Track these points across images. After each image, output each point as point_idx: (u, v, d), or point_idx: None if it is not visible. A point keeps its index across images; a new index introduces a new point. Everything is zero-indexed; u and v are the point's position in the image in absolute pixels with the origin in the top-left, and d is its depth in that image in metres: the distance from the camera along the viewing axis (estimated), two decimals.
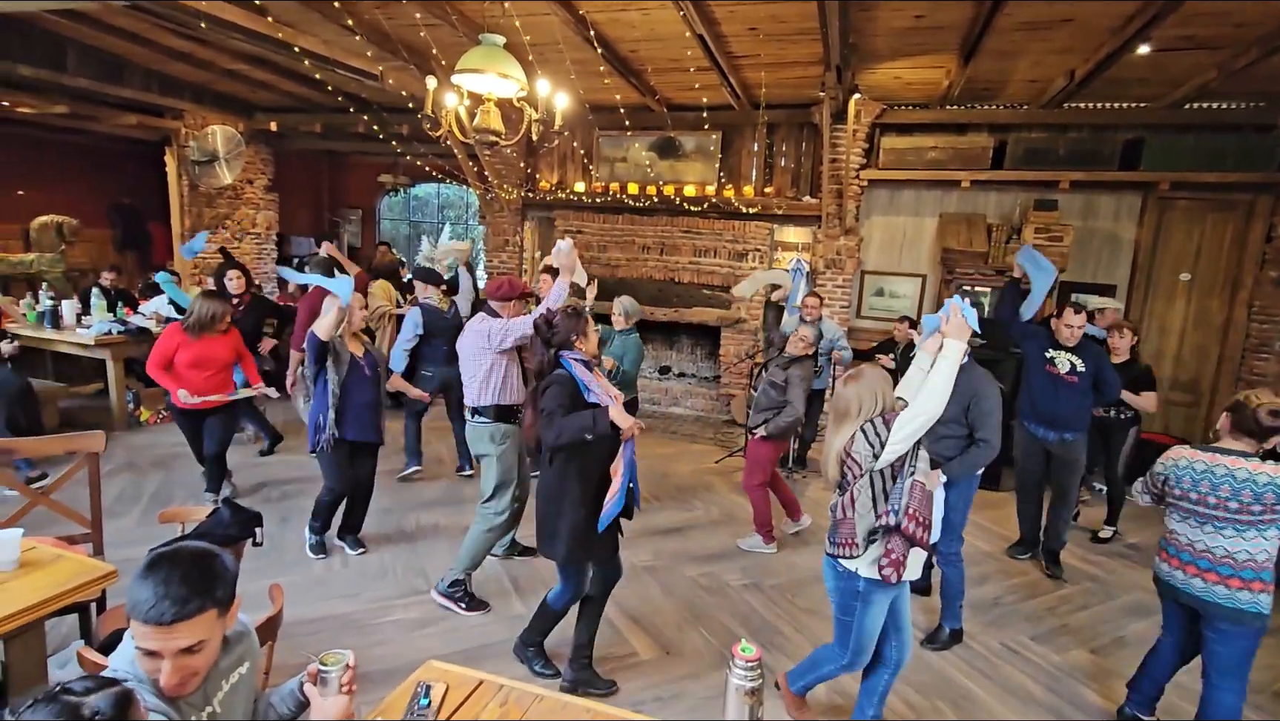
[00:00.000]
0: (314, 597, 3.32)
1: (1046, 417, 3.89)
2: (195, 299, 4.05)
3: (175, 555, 1.26)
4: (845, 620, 2.36)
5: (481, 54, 3.49)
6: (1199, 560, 2.39)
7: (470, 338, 3.36)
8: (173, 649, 1.20)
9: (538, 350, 2.61)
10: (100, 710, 0.97)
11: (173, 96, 7.04)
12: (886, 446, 2.16)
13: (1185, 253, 5.85)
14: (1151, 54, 4.45)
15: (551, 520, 2.61)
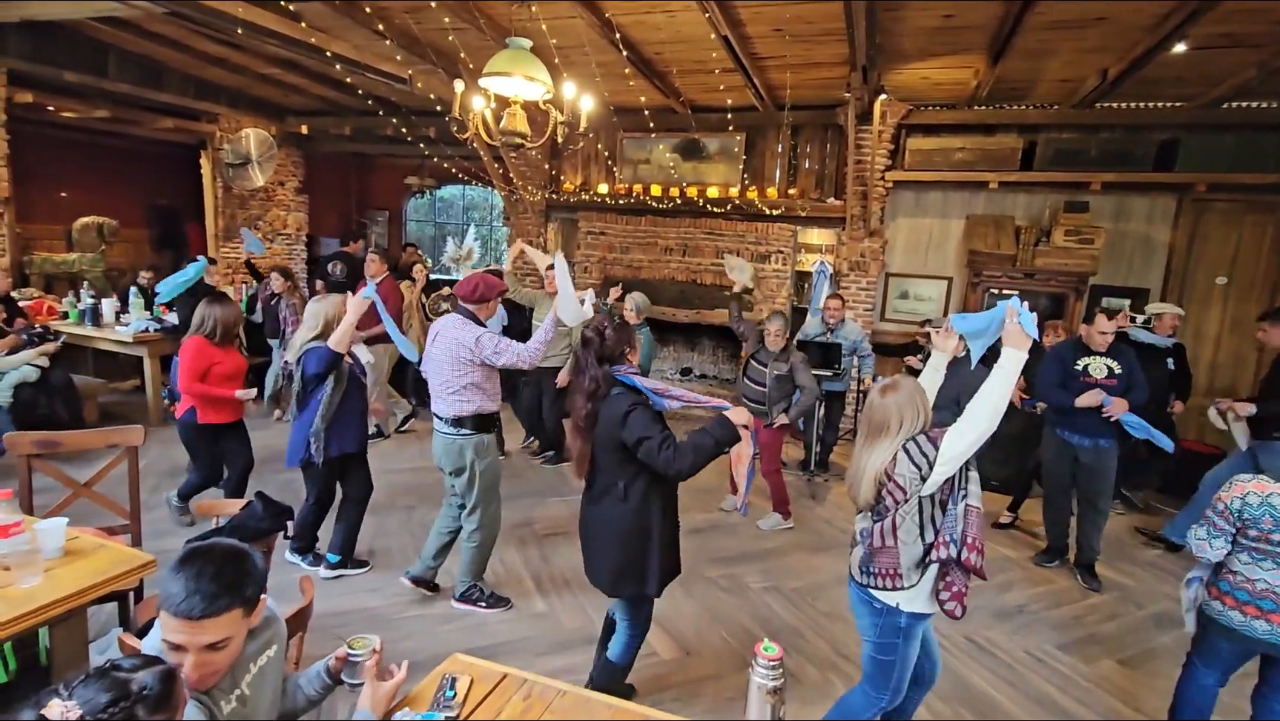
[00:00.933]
0: (338, 591, 3.39)
1: (1080, 424, 3.80)
2: (204, 307, 3.71)
3: (209, 551, 1.30)
4: (884, 660, 2.10)
5: (508, 57, 3.53)
6: (1261, 600, 2.16)
7: (447, 345, 3.01)
8: (198, 644, 1.23)
9: (590, 368, 2.32)
10: (148, 685, 1.02)
11: (209, 101, 7.23)
12: (935, 467, 1.93)
13: (1222, 256, 5.70)
14: (1188, 52, 4.35)
15: (637, 559, 2.31)
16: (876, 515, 2.07)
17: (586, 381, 2.32)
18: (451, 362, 3.02)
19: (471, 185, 9.29)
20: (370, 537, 4.00)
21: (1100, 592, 3.85)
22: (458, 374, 3.02)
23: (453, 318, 3.10)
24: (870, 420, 2.07)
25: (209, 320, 3.68)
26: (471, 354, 2.98)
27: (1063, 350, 3.91)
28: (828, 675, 2.96)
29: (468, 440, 3.09)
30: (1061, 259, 5.74)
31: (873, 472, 2.01)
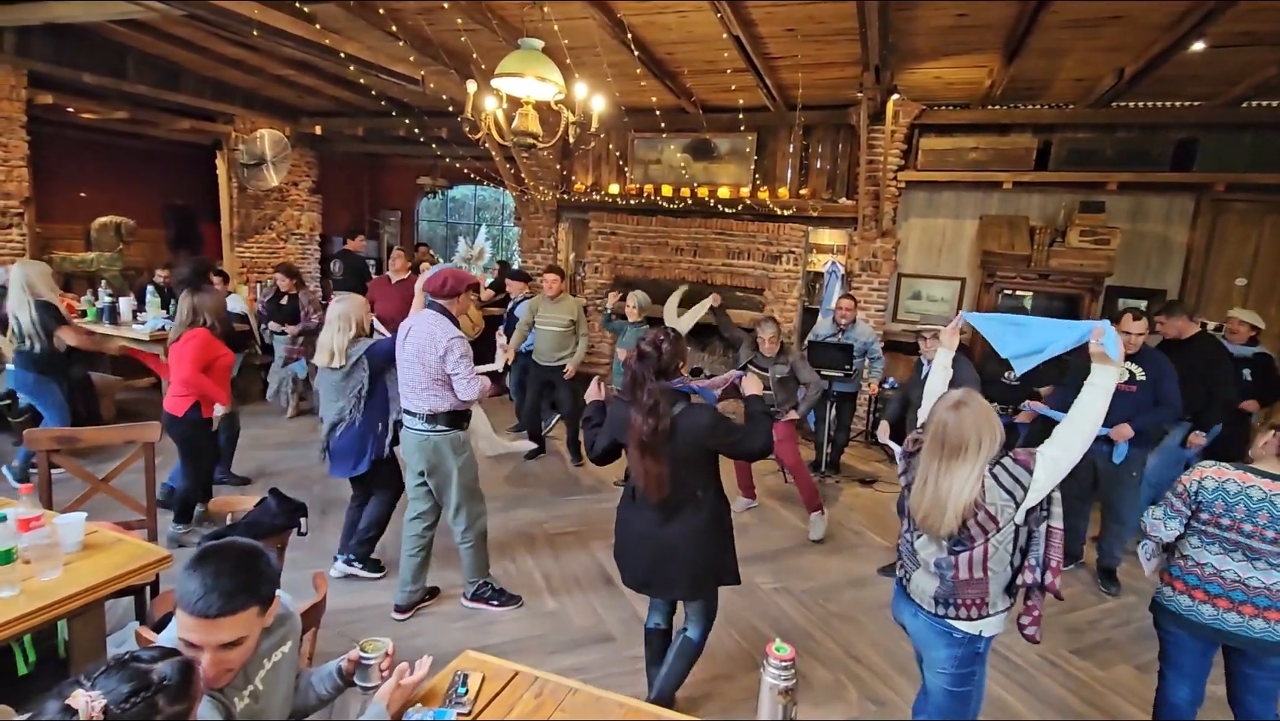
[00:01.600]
0: (352, 588, 3.41)
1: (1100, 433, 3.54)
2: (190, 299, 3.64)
3: (224, 550, 1.32)
4: (962, 690, 1.99)
5: (520, 58, 3.54)
6: (1232, 592, 2.13)
7: (419, 341, 2.94)
8: (214, 642, 1.25)
9: (648, 382, 2.24)
10: (168, 676, 1.04)
11: (224, 102, 7.31)
12: (1030, 492, 1.80)
13: (1241, 257, 5.62)
14: (1206, 51, 4.29)
15: (720, 555, 2.36)
16: (958, 545, 1.88)
17: (645, 397, 2.22)
18: (421, 358, 2.94)
19: (483, 185, 9.33)
20: (383, 537, 4.02)
21: (1117, 597, 3.82)
22: (429, 370, 2.94)
23: (426, 314, 3.02)
24: (944, 440, 1.86)
25: (202, 311, 3.63)
26: (437, 357, 2.91)
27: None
28: (839, 676, 2.94)
29: (442, 436, 3.01)
30: (1077, 260, 5.68)
31: (960, 503, 1.82)
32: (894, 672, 2.99)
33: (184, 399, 3.62)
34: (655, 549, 2.33)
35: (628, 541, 2.41)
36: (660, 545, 2.31)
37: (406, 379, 3.01)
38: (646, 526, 2.33)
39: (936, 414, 1.91)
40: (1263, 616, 2.09)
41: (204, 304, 3.64)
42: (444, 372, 2.94)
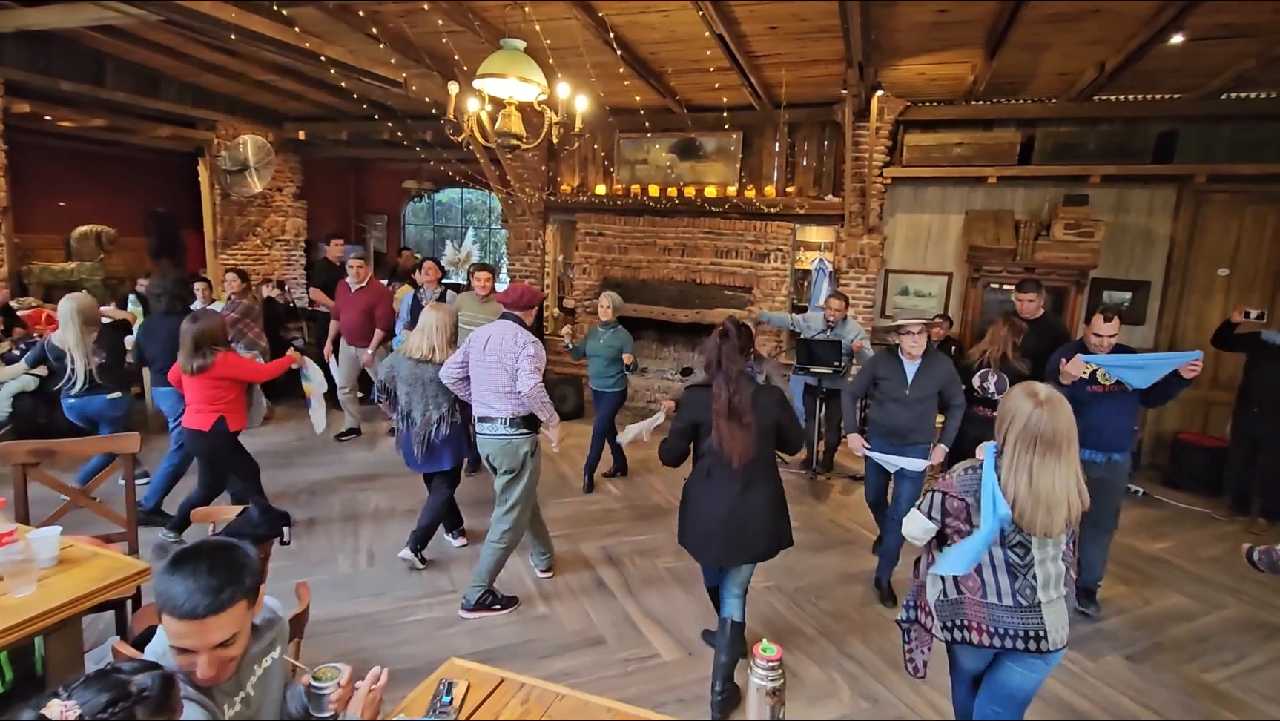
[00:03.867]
0: (340, 597, 3.37)
1: (1092, 439, 3.18)
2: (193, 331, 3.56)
3: (198, 550, 1.29)
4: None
5: (503, 58, 3.52)
6: None
7: (503, 346, 3.14)
8: (208, 643, 1.23)
9: (733, 360, 2.51)
10: (147, 687, 1.03)
11: (206, 108, 7.23)
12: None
13: (1223, 247, 5.67)
14: (1185, 43, 4.33)
15: (786, 517, 2.68)
16: (1060, 548, 1.92)
17: (731, 369, 2.51)
18: (505, 361, 3.15)
19: (470, 188, 9.29)
20: (371, 542, 3.99)
21: (1094, 620, 3.44)
22: (510, 374, 3.14)
23: (504, 324, 3.23)
24: (1040, 436, 1.80)
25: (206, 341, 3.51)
26: (514, 359, 3.13)
27: (1066, 354, 3.39)
28: (831, 674, 2.93)
29: (524, 439, 3.21)
30: (1062, 253, 5.71)
31: (1071, 489, 1.82)
32: (887, 670, 2.98)
33: (209, 414, 3.57)
34: (737, 518, 2.55)
35: (706, 516, 2.59)
36: (742, 513, 2.55)
37: (488, 384, 3.19)
38: (727, 498, 2.56)
39: (1021, 406, 1.84)
40: None
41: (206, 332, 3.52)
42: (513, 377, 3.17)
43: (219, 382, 3.54)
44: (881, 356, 3.61)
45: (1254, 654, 3.23)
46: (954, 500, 1.93)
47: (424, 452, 3.57)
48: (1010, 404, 1.88)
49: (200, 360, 3.47)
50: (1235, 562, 4.20)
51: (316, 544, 3.93)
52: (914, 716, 2.69)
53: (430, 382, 3.52)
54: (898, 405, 3.49)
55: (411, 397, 3.57)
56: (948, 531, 1.98)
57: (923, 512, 2.01)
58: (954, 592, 1.98)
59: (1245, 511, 4.88)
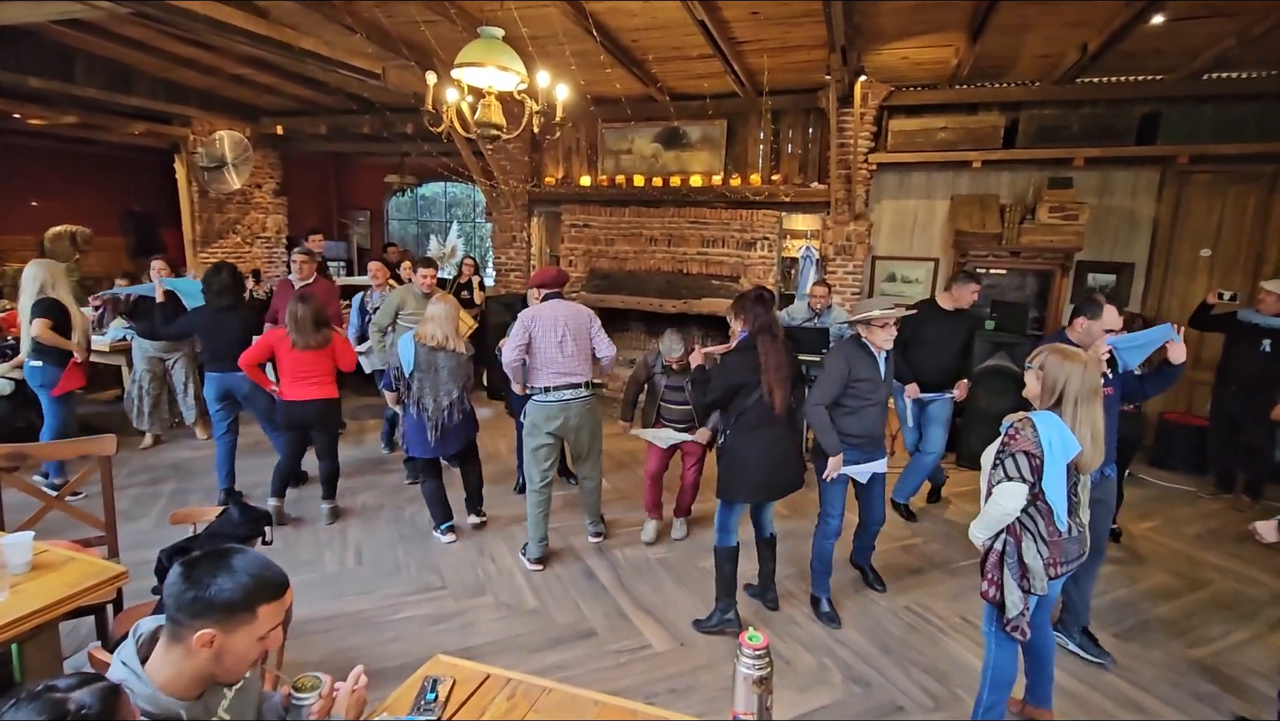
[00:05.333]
0: (327, 595, 3.33)
1: None
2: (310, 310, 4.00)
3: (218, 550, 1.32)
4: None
5: (481, 47, 3.45)
6: None
7: (575, 319, 3.65)
8: (286, 608, 1.34)
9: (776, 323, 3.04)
10: (86, 705, 0.96)
11: (180, 103, 7.10)
12: None
13: (1206, 227, 5.70)
14: (1167, 23, 4.31)
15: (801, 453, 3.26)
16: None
17: (779, 333, 3.02)
18: (577, 338, 3.62)
19: (453, 181, 9.19)
20: (359, 540, 3.95)
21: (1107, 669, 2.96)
22: (583, 345, 3.64)
23: (559, 303, 3.68)
24: (1093, 389, 2.17)
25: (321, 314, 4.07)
26: (588, 332, 3.68)
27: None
28: (822, 659, 2.93)
29: (595, 398, 3.73)
30: (1047, 236, 5.72)
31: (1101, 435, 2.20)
32: (877, 652, 2.99)
33: (333, 384, 4.11)
34: (782, 457, 3.03)
35: (759, 465, 2.99)
36: (785, 453, 3.04)
37: (567, 356, 3.60)
38: (773, 443, 3.01)
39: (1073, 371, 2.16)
40: None
41: (320, 310, 4.05)
42: (590, 346, 3.68)
43: (330, 355, 4.05)
44: (853, 352, 3.11)
45: (1240, 629, 3.27)
46: (1035, 457, 2.13)
47: (437, 437, 3.78)
48: (1064, 365, 2.18)
49: (322, 336, 3.98)
50: (1221, 540, 4.25)
51: (304, 543, 3.89)
52: (904, 699, 2.70)
53: (444, 369, 3.75)
54: (876, 409, 3.14)
55: (424, 385, 3.75)
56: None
57: (1016, 479, 2.14)
58: (1044, 547, 2.20)
59: (1230, 489, 4.93)
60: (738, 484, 3.04)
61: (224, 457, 4.35)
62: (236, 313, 4.31)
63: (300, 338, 3.94)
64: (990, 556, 2.26)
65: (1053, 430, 2.12)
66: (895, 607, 3.37)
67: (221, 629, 1.21)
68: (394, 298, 4.78)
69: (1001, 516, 2.17)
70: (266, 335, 4.08)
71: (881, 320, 3.04)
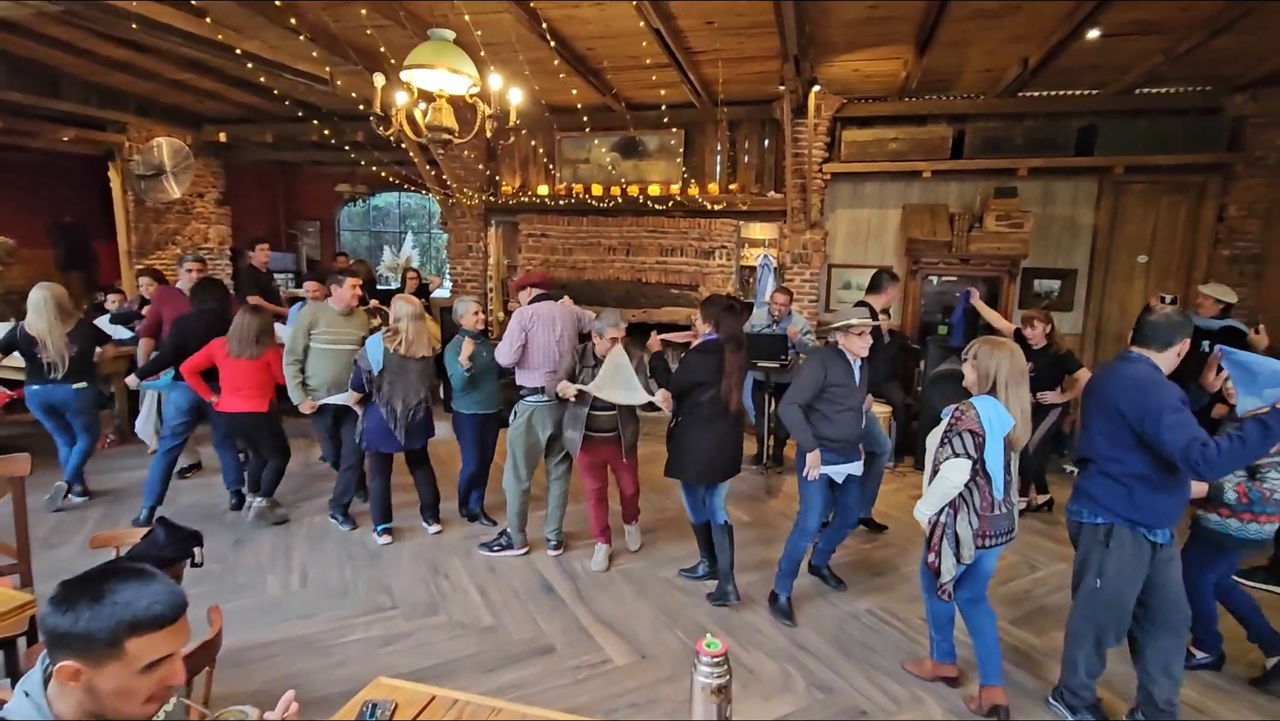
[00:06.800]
0: (269, 621, 3.15)
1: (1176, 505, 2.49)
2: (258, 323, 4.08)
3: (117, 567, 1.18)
4: None
5: (431, 49, 3.37)
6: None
7: (568, 322, 3.81)
8: (184, 642, 1.16)
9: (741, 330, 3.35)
10: None
11: (114, 109, 6.77)
12: None
13: (1142, 235, 5.95)
14: (1101, 39, 4.50)
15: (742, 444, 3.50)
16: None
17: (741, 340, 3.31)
18: (572, 339, 3.78)
19: (407, 191, 9.00)
20: (304, 561, 3.76)
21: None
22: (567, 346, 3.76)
23: (552, 304, 3.81)
24: (1014, 368, 2.46)
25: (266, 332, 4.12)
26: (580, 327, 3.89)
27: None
28: (785, 666, 2.89)
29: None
30: (994, 243, 5.89)
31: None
32: (840, 657, 2.96)
33: (265, 397, 4.08)
34: (731, 447, 3.37)
35: (708, 450, 3.30)
36: (734, 443, 3.39)
37: (549, 359, 3.71)
38: (725, 433, 3.33)
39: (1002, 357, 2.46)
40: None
41: (266, 322, 4.10)
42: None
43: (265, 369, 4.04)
44: (829, 358, 3.17)
45: None
46: (977, 435, 2.39)
47: (404, 435, 3.85)
48: (995, 354, 2.46)
49: (258, 349, 3.97)
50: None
51: (243, 565, 3.68)
52: (867, 702, 2.67)
53: (413, 372, 3.84)
54: (852, 414, 3.19)
55: (395, 387, 3.80)
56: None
57: (962, 455, 2.38)
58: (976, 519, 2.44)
59: None
60: (687, 464, 3.35)
61: (162, 474, 4.13)
62: (222, 321, 4.19)
63: (238, 346, 3.93)
64: (936, 530, 2.50)
65: (991, 410, 2.42)
66: (857, 611, 3.35)
67: (85, 662, 1.07)
68: (303, 317, 4.15)
69: (949, 490, 2.42)
70: (210, 344, 3.98)
71: (859, 328, 3.14)
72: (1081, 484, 2.52)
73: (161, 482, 4.13)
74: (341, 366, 4.10)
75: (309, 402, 4.12)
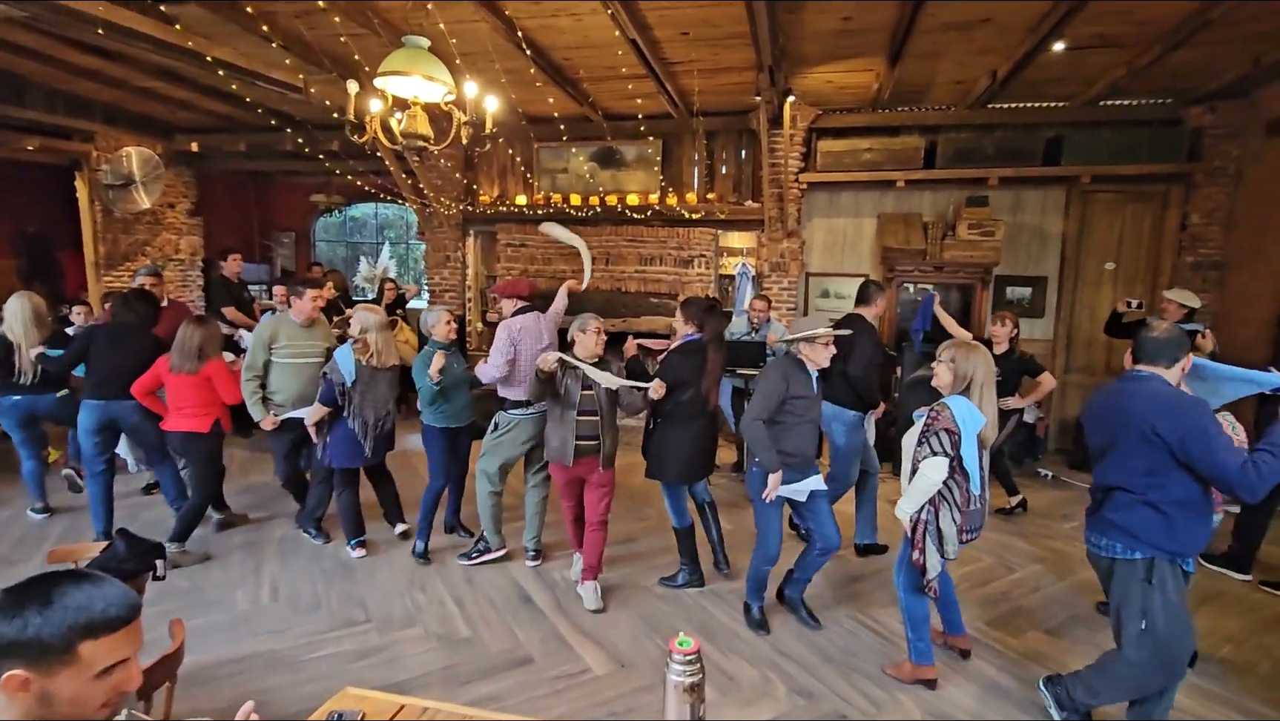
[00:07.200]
0: (237, 636, 3.06)
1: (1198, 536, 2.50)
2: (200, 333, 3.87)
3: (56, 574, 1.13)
4: None
5: (405, 56, 3.37)
6: None
7: (552, 331, 3.88)
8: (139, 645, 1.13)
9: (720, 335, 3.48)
10: None
11: (82, 118, 6.64)
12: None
13: (1108, 242, 6.09)
14: (1066, 52, 4.62)
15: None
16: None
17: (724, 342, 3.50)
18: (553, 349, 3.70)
19: (384, 201, 8.94)
20: (274, 575, 3.67)
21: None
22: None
23: (537, 315, 3.85)
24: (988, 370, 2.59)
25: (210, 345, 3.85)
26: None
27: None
28: (766, 672, 2.87)
29: None
30: (967, 251, 5.98)
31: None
32: (820, 663, 2.95)
33: (206, 416, 3.81)
34: (707, 445, 3.53)
35: (688, 447, 3.42)
36: (711, 441, 3.55)
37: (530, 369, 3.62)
38: (702, 431, 3.47)
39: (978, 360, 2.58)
40: None
41: (210, 335, 3.86)
42: None
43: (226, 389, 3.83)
44: (790, 369, 3.02)
45: None
46: (954, 434, 2.48)
47: (372, 447, 3.81)
48: (971, 357, 2.58)
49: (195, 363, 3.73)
50: None
51: (212, 580, 3.59)
52: (848, 707, 2.66)
53: (383, 382, 3.81)
54: (810, 427, 3.07)
55: (365, 398, 3.75)
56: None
57: (940, 454, 2.48)
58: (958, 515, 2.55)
59: None
60: (669, 465, 3.43)
61: (102, 498, 3.95)
62: (139, 337, 3.98)
63: (178, 359, 3.74)
64: (918, 527, 2.58)
65: (964, 410, 2.53)
66: (837, 616, 3.35)
67: (36, 670, 1.02)
68: (263, 330, 3.99)
69: (928, 487, 2.51)
70: (157, 361, 3.80)
71: (825, 338, 3.03)
72: (1110, 515, 2.28)
73: (104, 507, 3.95)
74: (306, 380, 3.94)
75: (270, 419, 3.91)
